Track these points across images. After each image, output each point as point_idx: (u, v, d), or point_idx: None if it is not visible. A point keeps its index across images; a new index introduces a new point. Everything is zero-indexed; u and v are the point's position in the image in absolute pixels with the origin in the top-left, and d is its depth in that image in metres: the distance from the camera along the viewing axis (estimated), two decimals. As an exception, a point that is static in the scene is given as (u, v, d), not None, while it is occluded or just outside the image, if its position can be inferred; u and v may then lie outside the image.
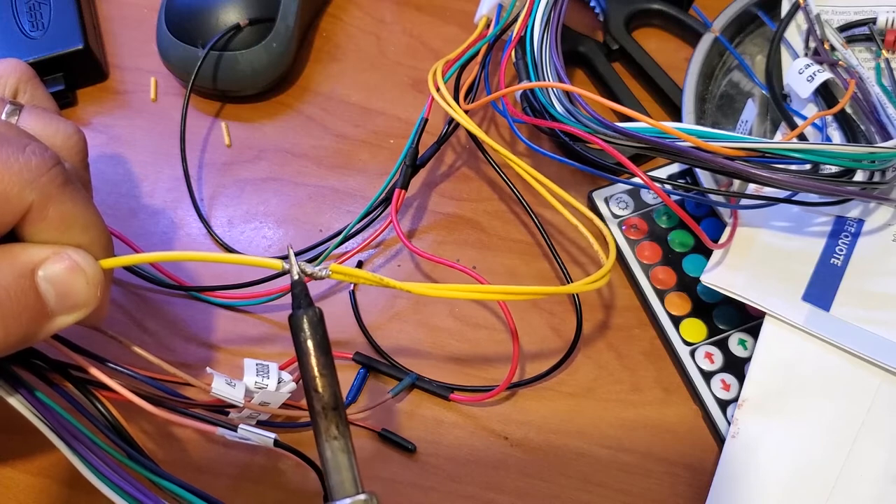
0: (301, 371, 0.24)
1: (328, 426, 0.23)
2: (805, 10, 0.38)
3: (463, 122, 0.34)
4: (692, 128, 0.30)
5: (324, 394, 0.24)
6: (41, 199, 0.24)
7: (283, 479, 0.33)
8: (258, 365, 0.32)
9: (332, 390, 0.24)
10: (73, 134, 0.29)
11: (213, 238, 0.38)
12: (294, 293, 0.25)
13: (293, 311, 0.24)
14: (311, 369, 0.24)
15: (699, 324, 0.35)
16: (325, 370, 0.24)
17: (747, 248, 0.34)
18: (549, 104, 0.33)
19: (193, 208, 0.39)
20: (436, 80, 0.35)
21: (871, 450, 0.31)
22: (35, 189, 0.24)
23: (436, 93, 0.35)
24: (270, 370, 0.32)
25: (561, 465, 0.33)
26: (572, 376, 0.35)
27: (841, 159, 0.30)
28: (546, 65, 0.34)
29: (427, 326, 0.36)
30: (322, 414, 0.23)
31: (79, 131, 0.29)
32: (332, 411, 0.24)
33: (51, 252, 0.25)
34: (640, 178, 0.31)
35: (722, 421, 0.33)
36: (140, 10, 0.45)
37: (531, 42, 0.35)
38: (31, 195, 0.24)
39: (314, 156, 0.41)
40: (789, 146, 0.29)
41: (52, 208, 0.24)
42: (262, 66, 0.41)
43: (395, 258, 0.38)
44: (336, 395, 0.24)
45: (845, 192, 0.31)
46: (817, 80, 0.35)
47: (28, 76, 0.30)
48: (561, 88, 0.33)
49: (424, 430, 0.34)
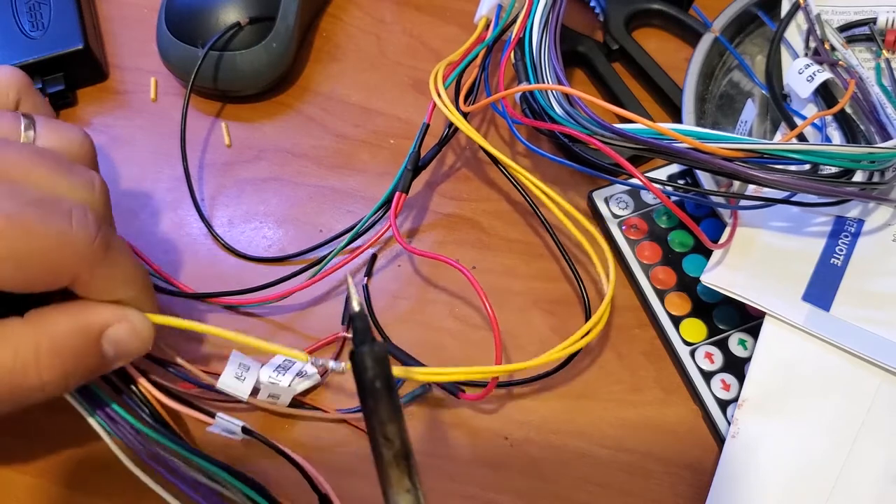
0: (365, 414, 0.22)
1: (400, 477, 0.21)
2: (805, 10, 0.38)
3: (464, 129, 0.35)
4: (689, 129, 0.30)
5: (395, 441, 0.21)
6: (88, 269, 0.26)
7: (283, 479, 0.33)
8: (284, 360, 0.33)
9: (403, 437, 0.22)
10: (84, 140, 0.30)
11: (214, 238, 0.38)
12: (356, 327, 0.23)
13: (356, 348, 0.22)
14: (379, 413, 0.22)
15: (699, 324, 0.35)
16: (394, 414, 0.22)
17: (747, 248, 0.34)
18: (548, 106, 0.33)
19: (194, 208, 0.39)
20: (437, 86, 0.36)
21: (871, 450, 0.31)
22: (83, 262, 0.25)
23: (437, 98, 0.35)
24: (290, 368, 0.33)
25: (561, 465, 0.33)
26: (572, 376, 0.35)
27: (839, 160, 0.30)
28: (545, 66, 0.34)
29: (429, 327, 0.36)
30: (393, 464, 0.21)
31: (87, 136, 0.30)
32: (403, 461, 0.21)
33: (112, 316, 0.27)
34: (639, 179, 0.31)
35: (722, 421, 0.33)
36: (140, 10, 0.45)
37: (530, 43, 0.35)
38: (78, 267, 0.25)
39: (314, 156, 0.41)
40: (787, 147, 0.29)
41: (98, 274, 0.26)
42: (262, 66, 0.41)
43: (396, 259, 0.38)
44: (407, 443, 0.22)
45: (844, 193, 0.31)
46: (817, 80, 0.35)
47: (26, 84, 0.31)
48: (560, 90, 0.33)
49: (424, 430, 0.34)
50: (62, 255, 0.25)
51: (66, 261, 0.25)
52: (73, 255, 0.25)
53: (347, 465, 0.33)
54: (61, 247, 0.25)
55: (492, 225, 0.39)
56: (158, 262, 0.37)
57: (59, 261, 0.25)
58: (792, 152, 0.29)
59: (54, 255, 0.25)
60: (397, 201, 0.35)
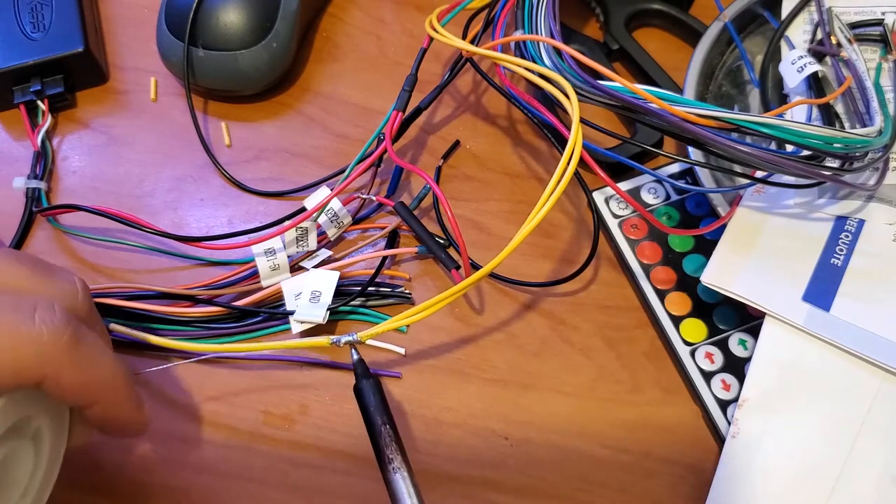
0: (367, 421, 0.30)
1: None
2: (818, 2, 0.38)
3: (471, 49, 0.36)
4: (661, 91, 0.30)
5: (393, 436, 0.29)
6: (54, 370, 0.24)
7: (284, 480, 0.33)
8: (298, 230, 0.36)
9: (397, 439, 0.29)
10: (74, 287, 0.27)
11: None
12: (357, 373, 0.31)
13: (357, 382, 0.30)
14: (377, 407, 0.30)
15: (699, 324, 0.35)
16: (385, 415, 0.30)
17: (747, 248, 0.34)
18: (537, 56, 0.34)
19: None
20: (433, 23, 0.37)
21: (871, 450, 0.31)
22: (48, 362, 0.24)
23: (434, 32, 0.37)
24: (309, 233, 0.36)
25: (561, 465, 0.33)
26: (572, 376, 0.35)
27: (809, 139, 0.30)
28: (541, 21, 0.35)
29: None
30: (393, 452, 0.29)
31: (78, 284, 0.27)
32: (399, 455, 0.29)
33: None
34: (612, 188, 0.32)
35: (722, 421, 0.33)
36: (140, 10, 0.45)
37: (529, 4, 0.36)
38: (43, 368, 0.24)
39: (314, 156, 0.41)
40: (756, 119, 0.29)
41: (66, 376, 0.24)
42: (262, 66, 0.41)
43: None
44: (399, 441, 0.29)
45: (815, 174, 0.31)
46: (806, 71, 0.36)
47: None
48: (550, 44, 0.33)
49: (424, 430, 0.34)
50: (21, 354, 0.23)
51: (27, 360, 0.23)
52: (35, 354, 0.23)
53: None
54: (20, 345, 0.23)
55: (492, 225, 0.39)
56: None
57: (17, 359, 0.23)
58: (761, 125, 0.29)
59: (12, 353, 0.23)
60: (394, 119, 0.37)
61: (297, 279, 0.36)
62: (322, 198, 0.36)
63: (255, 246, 0.35)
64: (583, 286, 0.37)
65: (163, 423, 0.34)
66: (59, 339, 0.24)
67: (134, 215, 0.37)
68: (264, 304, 0.36)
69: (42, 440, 0.27)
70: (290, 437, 0.34)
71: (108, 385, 0.26)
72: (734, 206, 0.35)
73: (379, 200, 0.38)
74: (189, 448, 0.33)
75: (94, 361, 0.25)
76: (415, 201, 0.38)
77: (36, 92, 0.40)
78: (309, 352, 0.35)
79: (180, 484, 0.33)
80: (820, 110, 0.36)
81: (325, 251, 0.37)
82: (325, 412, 0.34)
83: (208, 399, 0.34)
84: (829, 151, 0.30)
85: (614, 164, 0.37)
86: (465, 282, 0.31)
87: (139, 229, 0.37)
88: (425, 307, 0.31)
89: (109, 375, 0.26)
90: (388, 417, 0.29)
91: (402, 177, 0.40)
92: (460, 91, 0.43)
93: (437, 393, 0.35)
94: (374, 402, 0.30)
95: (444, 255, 0.36)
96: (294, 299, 0.35)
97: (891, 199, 0.35)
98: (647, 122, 0.31)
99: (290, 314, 0.34)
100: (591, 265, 0.36)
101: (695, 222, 0.38)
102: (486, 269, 0.31)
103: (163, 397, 0.34)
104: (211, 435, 0.34)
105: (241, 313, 0.36)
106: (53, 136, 0.42)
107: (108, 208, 0.37)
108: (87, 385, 0.25)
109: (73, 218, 0.39)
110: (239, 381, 0.35)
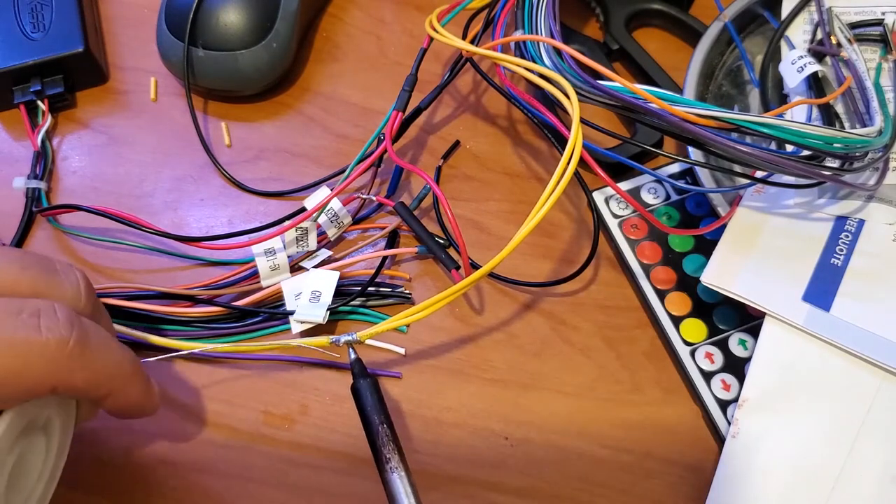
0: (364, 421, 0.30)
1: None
2: (818, 2, 0.38)
3: (471, 49, 0.36)
4: (661, 91, 0.30)
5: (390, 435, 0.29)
6: (65, 376, 0.24)
7: (284, 480, 0.33)
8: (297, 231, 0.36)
9: (395, 438, 0.29)
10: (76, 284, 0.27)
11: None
12: (355, 372, 0.31)
13: (354, 381, 0.30)
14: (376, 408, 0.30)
15: (699, 324, 0.35)
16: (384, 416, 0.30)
17: (747, 248, 0.34)
18: (537, 56, 0.34)
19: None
20: (433, 23, 0.37)
21: (871, 450, 0.31)
22: (58, 374, 0.24)
23: (434, 32, 0.37)
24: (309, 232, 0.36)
25: (561, 465, 0.33)
26: (572, 376, 0.35)
27: (809, 139, 0.30)
28: (541, 21, 0.35)
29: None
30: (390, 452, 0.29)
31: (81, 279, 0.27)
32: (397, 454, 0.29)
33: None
34: (612, 188, 0.31)
35: (722, 421, 0.33)
36: (140, 10, 0.45)
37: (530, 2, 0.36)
38: (55, 377, 0.24)
39: (314, 156, 0.41)
40: (755, 119, 0.29)
41: (77, 378, 0.24)
42: (262, 66, 0.41)
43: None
44: (397, 440, 0.29)
45: (816, 174, 0.31)
46: (806, 71, 0.36)
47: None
48: (550, 44, 0.33)
49: (424, 430, 0.34)
50: (32, 368, 0.23)
51: (38, 373, 0.23)
52: (45, 365, 0.23)
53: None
54: (30, 360, 0.23)
55: (492, 225, 0.39)
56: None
57: (29, 374, 0.23)
58: (761, 125, 0.29)
59: (24, 368, 0.23)
60: (394, 119, 0.37)
61: (297, 279, 0.36)
62: (322, 198, 0.36)
63: (255, 246, 0.35)
64: (583, 286, 0.37)
65: (163, 423, 0.34)
66: (66, 345, 0.24)
67: (134, 215, 0.37)
68: (264, 304, 0.36)
69: (52, 428, 0.27)
70: (290, 437, 0.34)
71: (118, 376, 0.26)
72: (734, 206, 0.35)
73: (379, 200, 0.38)
74: (189, 448, 0.33)
75: (103, 357, 0.25)
76: (415, 201, 0.38)
77: (36, 92, 0.40)
78: (309, 352, 0.35)
79: (180, 484, 0.33)
80: (820, 110, 0.36)
81: (325, 251, 0.37)
82: (325, 412, 0.34)
83: (208, 399, 0.34)
84: (829, 151, 0.30)
85: (614, 164, 0.37)
86: (465, 282, 0.31)
87: (139, 229, 0.37)
88: (425, 307, 0.31)
89: (118, 367, 0.26)
90: (385, 417, 0.29)
91: (402, 177, 0.40)
92: (460, 91, 0.43)
93: (437, 393, 0.35)
94: (371, 401, 0.30)
95: (444, 255, 0.36)
96: (294, 299, 0.35)
97: (891, 199, 0.35)
98: (647, 122, 0.31)
99: (290, 314, 0.34)
100: (591, 265, 0.37)
101: (695, 222, 0.38)
102: (486, 268, 0.31)
103: (163, 397, 0.34)
104: (211, 435, 0.34)
105: (241, 313, 0.36)
106: (53, 136, 0.42)
107: (107, 208, 0.37)
108: (97, 381, 0.25)
109: (73, 218, 0.39)
110: (239, 381, 0.35)
